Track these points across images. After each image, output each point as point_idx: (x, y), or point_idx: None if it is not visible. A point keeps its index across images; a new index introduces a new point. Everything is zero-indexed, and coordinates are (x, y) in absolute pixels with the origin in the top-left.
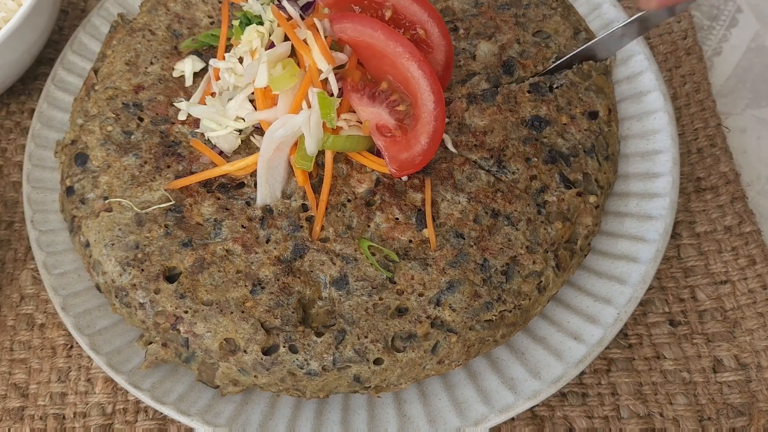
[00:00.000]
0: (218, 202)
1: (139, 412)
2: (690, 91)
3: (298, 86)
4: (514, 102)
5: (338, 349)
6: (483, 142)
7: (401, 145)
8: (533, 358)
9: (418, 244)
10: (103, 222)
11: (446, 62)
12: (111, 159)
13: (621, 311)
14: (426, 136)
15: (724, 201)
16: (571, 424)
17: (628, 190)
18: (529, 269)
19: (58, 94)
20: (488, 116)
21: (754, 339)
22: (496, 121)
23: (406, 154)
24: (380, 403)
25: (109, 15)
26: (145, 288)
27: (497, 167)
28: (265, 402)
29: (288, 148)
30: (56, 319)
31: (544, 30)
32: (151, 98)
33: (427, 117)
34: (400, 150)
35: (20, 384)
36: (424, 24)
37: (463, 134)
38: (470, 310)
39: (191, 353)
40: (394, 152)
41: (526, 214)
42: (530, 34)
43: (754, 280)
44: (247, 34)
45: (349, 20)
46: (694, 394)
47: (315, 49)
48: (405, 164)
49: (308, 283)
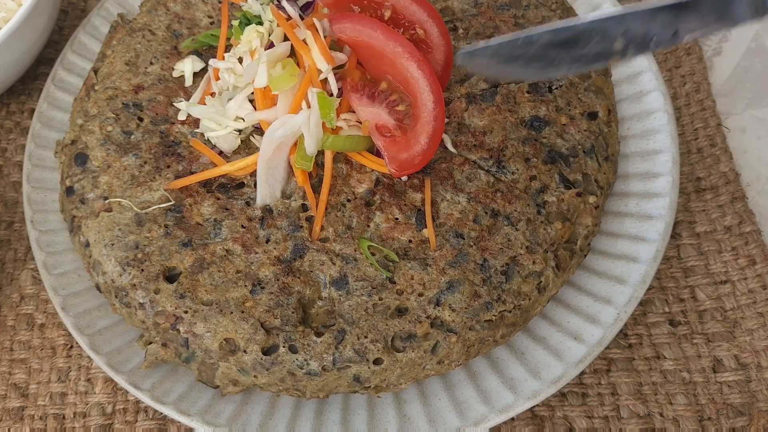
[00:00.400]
0: (218, 202)
1: (139, 412)
2: (690, 91)
3: (298, 86)
4: (513, 102)
5: (338, 349)
6: (482, 142)
7: (401, 145)
8: (533, 358)
9: (418, 244)
10: (103, 222)
11: (446, 62)
12: (111, 159)
13: (621, 311)
14: (426, 136)
15: (724, 201)
16: (571, 424)
17: (628, 190)
18: (528, 269)
19: (58, 94)
20: (487, 116)
21: (754, 339)
22: (496, 121)
23: (406, 154)
24: (380, 403)
25: (109, 15)
26: (145, 288)
27: (497, 167)
28: (265, 402)
29: (288, 148)
30: (56, 319)
31: None
32: (151, 98)
33: (426, 117)
34: (399, 150)
35: (20, 384)
36: (424, 24)
37: (463, 134)
38: (470, 310)
39: (191, 353)
40: (394, 152)
41: (526, 214)
42: None
43: (754, 280)
44: (247, 34)
45: (349, 20)
46: (694, 394)
47: (314, 49)
48: (405, 164)
49: (308, 283)
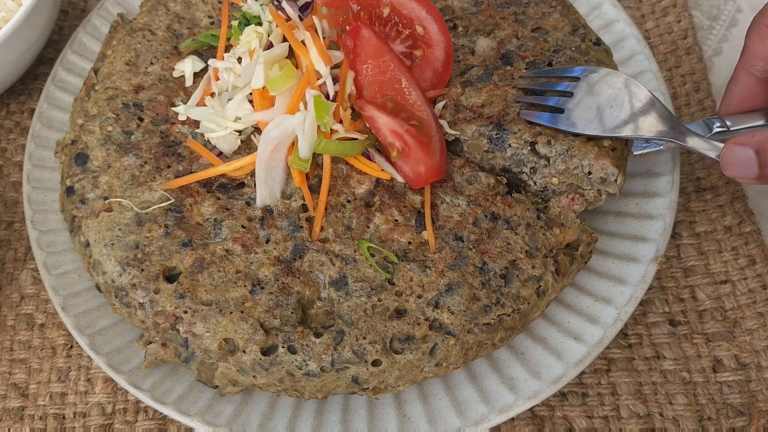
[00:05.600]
0: (218, 202)
1: (139, 412)
2: (690, 91)
3: (295, 87)
4: (510, 78)
5: (337, 350)
6: (481, 113)
7: (420, 155)
8: (533, 358)
9: (417, 246)
10: (103, 222)
11: (446, 59)
12: (111, 159)
13: (621, 311)
14: (437, 151)
15: (724, 201)
16: (571, 424)
17: (628, 190)
18: (528, 273)
19: (58, 94)
20: (485, 93)
21: (754, 339)
22: (495, 95)
23: (427, 163)
24: (380, 403)
25: (109, 15)
26: (144, 288)
27: (497, 131)
28: (265, 402)
29: (285, 148)
30: (56, 319)
31: (543, 27)
32: (152, 98)
33: (435, 137)
34: (418, 160)
35: (20, 384)
36: (423, 21)
37: (460, 112)
38: (469, 313)
39: (190, 353)
40: (415, 160)
41: (526, 218)
42: (529, 30)
43: (754, 280)
44: (246, 34)
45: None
46: (694, 394)
47: (313, 50)
48: (420, 174)
49: (307, 284)
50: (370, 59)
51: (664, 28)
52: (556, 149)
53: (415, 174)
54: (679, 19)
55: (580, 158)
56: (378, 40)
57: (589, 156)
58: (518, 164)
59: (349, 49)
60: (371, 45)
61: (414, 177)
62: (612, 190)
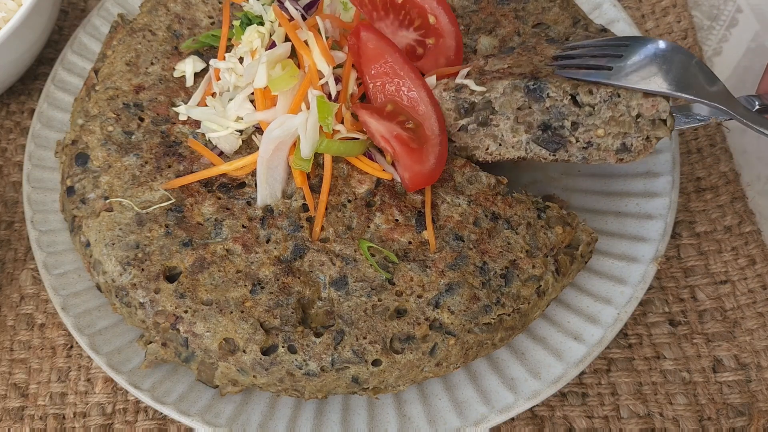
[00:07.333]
0: (219, 202)
1: (139, 412)
2: None
3: (298, 87)
4: (533, 51)
5: (337, 349)
6: (511, 72)
7: (413, 158)
8: (533, 358)
9: (418, 246)
10: (103, 222)
11: (457, 48)
12: (112, 159)
13: (621, 311)
14: (433, 156)
15: (724, 201)
16: (571, 424)
17: (628, 190)
18: (528, 273)
19: (58, 94)
20: (510, 60)
21: (754, 339)
22: (521, 59)
23: (419, 167)
24: (380, 403)
25: (109, 15)
26: (145, 288)
27: (534, 81)
28: (265, 402)
29: (287, 148)
30: (56, 319)
31: (544, 22)
32: (152, 98)
33: (434, 140)
34: (413, 163)
35: (20, 384)
36: (434, 11)
37: (486, 75)
38: (469, 313)
39: (191, 353)
40: (408, 163)
41: (526, 218)
42: (530, 26)
43: (754, 280)
44: (248, 34)
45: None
46: (694, 394)
47: (315, 50)
48: (417, 177)
49: (308, 284)
50: (372, 61)
51: (664, 28)
52: (600, 95)
53: (402, 179)
54: (679, 19)
55: (628, 99)
56: (379, 40)
57: (637, 95)
58: (558, 117)
59: (353, 49)
60: (371, 46)
61: (403, 181)
62: (662, 133)
